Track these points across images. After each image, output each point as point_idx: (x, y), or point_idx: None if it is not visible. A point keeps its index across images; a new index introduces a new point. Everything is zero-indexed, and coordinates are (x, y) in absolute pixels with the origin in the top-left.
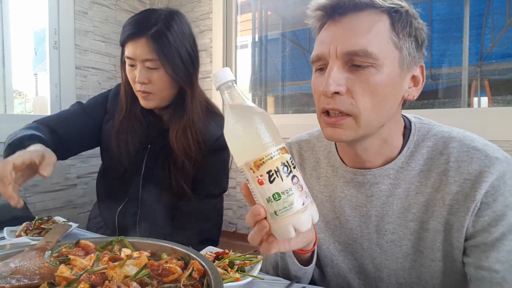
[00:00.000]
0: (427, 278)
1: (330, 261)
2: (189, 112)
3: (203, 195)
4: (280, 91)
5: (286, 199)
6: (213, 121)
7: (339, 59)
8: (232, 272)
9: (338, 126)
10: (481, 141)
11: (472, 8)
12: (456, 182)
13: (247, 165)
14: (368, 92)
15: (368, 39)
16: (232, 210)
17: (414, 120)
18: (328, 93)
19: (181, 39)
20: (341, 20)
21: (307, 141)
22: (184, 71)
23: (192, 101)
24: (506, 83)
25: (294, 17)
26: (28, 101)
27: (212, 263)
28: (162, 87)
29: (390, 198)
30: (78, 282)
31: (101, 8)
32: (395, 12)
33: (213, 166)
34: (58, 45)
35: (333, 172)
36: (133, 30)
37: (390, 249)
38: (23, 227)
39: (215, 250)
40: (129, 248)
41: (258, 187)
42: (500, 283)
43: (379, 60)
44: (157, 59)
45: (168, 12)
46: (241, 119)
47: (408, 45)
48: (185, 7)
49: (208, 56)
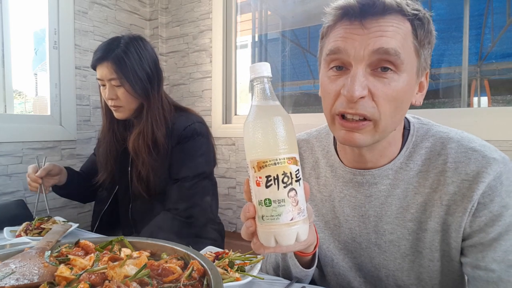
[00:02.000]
0: (425, 278)
1: (330, 260)
2: (144, 121)
3: (175, 178)
4: (280, 91)
5: (275, 209)
6: (181, 115)
7: (366, 60)
8: (232, 272)
9: (356, 130)
10: (479, 142)
11: (472, 8)
12: (454, 183)
13: (251, 163)
14: (390, 98)
15: (397, 41)
16: (232, 210)
17: (413, 121)
18: (354, 98)
19: (138, 61)
20: (368, 22)
21: (306, 140)
22: (141, 87)
23: (148, 112)
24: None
25: (294, 17)
26: (28, 101)
27: (212, 263)
28: (127, 101)
29: (388, 199)
30: (78, 282)
31: (101, 8)
32: (418, 20)
33: (182, 152)
34: (58, 45)
35: (332, 172)
36: (99, 55)
37: (389, 249)
38: (23, 227)
39: (215, 250)
40: (129, 248)
41: (255, 187)
42: (497, 282)
43: (403, 65)
44: (117, 78)
45: (128, 39)
46: (262, 116)
47: (426, 52)
48: (185, 7)
49: (208, 56)
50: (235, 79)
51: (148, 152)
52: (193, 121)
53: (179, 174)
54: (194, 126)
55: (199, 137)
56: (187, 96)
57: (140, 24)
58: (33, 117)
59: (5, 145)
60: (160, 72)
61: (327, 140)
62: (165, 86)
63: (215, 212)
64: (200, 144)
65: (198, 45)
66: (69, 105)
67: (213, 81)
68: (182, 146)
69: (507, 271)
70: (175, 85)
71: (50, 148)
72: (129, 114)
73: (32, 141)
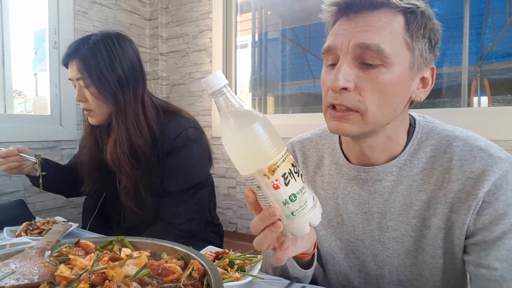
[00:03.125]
0: (427, 275)
1: (331, 259)
2: (116, 128)
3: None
4: (280, 91)
5: (301, 198)
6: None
7: (351, 53)
8: (232, 271)
9: (343, 120)
10: (484, 141)
11: (472, 7)
12: (459, 180)
13: (260, 172)
14: (376, 90)
15: (382, 36)
16: (232, 210)
17: (418, 119)
18: (336, 88)
19: (107, 60)
20: (356, 17)
21: (309, 139)
22: (108, 90)
23: (118, 118)
24: (506, 82)
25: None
26: (28, 101)
27: (212, 263)
28: (96, 104)
29: (392, 195)
30: (78, 281)
31: (101, 8)
32: (410, 13)
33: (175, 163)
34: (58, 45)
35: (336, 170)
36: (67, 52)
37: (392, 246)
38: (23, 227)
39: (215, 250)
40: (129, 247)
41: (273, 192)
42: (499, 281)
43: (389, 59)
44: (82, 78)
45: (100, 36)
46: (243, 127)
47: (421, 46)
48: (185, 6)
49: (208, 56)
50: (235, 79)
51: (129, 162)
52: (184, 127)
53: (173, 187)
54: (186, 133)
55: (193, 144)
56: (187, 96)
57: (140, 24)
58: (33, 117)
59: (5, 145)
60: (139, 75)
61: (332, 138)
62: (165, 86)
63: (213, 214)
64: (194, 152)
65: (198, 45)
66: (69, 105)
67: None
68: (174, 157)
69: (510, 269)
70: (175, 85)
71: (50, 148)
72: (102, 119)
73: (32, 141)
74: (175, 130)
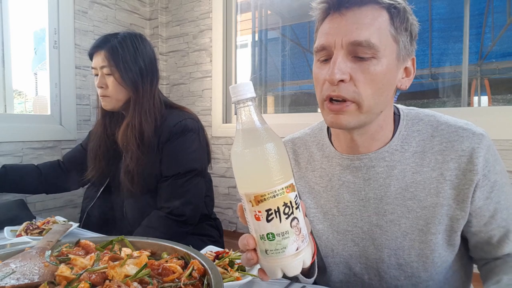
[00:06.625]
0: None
1: (331, 251)
2: (131, 112)
3: (166, 176)
4: (280, 91)
5: (280, 242)
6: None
7: (344, 49)
8: (232, 271)
9: (341, 113)
10: (462, 121)
11: (472, 7)
12: (453, 159)
13: (247, 196)
14: (369, 81)
15: (371, 31)
16: (232, 210)
17: (400, 107)
18: (334, 80)
19: (132, 53)
20: (346, 13)
21: (299, 138)
22: (130, 78)
23: (135, 104)
24: (506, 82)
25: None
26: (28, 101)
27: (212, 262)
28: (115, 90)
29: (387, 180)
30: (79, 281)
31: (101, 8)
32: (394, 9)
33: (173, 149)
34: (58, 45)
35: (328, 162)
36: (95, 44)
37: (390, 229)
38: (24, 227)
39: (215, 249)
40: (129, 247)
41: (254, 222)
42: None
43: (380, 52)
44: (108, 66)
45: (127, 33)
46: (252, 145)
47: (404, 39)
48: (185, 6)
49: (208, 56)
50: (235, 78)
51: (137, 145)
52: (184, 117)
53: (170, 171)
54: (185, 122)
55: (190, 133)
56: (187, 96)
57: (140, 23)
58: (33, 117)
59: (5, 144)
60: (155, 70)
61: (321, 135)
62: (165, 86)
63: (210, 209)
64: (191, 140)
65: (198, 44)
66: (69, 104)
67: (213, 80)
68: (172, 142)
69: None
70: (175, 85)
71: (50, 148)
72: (116, 105)
73: (32, 141)
74: (175, 119)
